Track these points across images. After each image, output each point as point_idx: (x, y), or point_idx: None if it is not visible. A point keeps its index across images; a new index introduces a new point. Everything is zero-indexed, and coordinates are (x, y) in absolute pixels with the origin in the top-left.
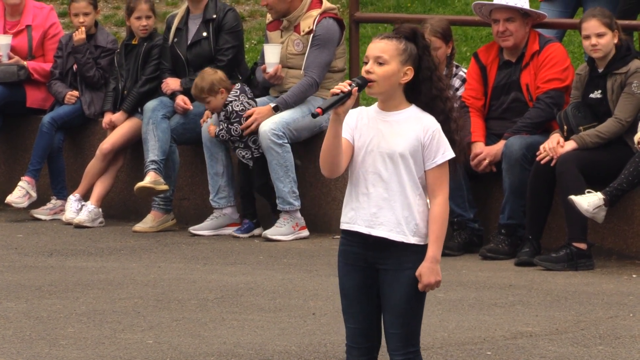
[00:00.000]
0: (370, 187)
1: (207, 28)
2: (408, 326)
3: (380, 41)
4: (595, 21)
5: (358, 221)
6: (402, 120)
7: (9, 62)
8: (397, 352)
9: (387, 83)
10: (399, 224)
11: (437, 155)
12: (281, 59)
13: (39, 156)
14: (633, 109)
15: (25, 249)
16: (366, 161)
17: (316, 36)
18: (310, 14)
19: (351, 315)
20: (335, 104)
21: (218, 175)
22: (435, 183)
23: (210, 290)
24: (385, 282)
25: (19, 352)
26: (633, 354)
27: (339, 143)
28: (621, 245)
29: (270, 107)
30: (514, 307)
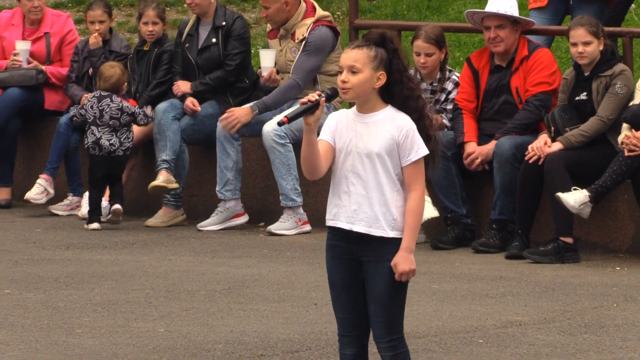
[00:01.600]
0: (351, 185)
1: (216, 34)
2: (390, 314)
3: (352, 51)
4: (582, 30)
5: (341, 218)
6: (378, 122)
7: (28, 66)
8: (382, 339)
9: (361, 89)
10: (377, 219)
11: (412, 152)
12: (280, 65)
13: (57, 155)
14: (615, 107)
15: (44, 243)
16: (346, 161)
17: (308, 43)
18: (305, 22)
19: (340, 306)
20: (302, 114)
21: (227, 169)
22: (411, 178)
23: (218, 282)
24: (368, 273)
25: (37, 340)
26: (617, 342)
27: (314, 149)
28: (605, 240)
29: (249, 108)
30: (504, 298)
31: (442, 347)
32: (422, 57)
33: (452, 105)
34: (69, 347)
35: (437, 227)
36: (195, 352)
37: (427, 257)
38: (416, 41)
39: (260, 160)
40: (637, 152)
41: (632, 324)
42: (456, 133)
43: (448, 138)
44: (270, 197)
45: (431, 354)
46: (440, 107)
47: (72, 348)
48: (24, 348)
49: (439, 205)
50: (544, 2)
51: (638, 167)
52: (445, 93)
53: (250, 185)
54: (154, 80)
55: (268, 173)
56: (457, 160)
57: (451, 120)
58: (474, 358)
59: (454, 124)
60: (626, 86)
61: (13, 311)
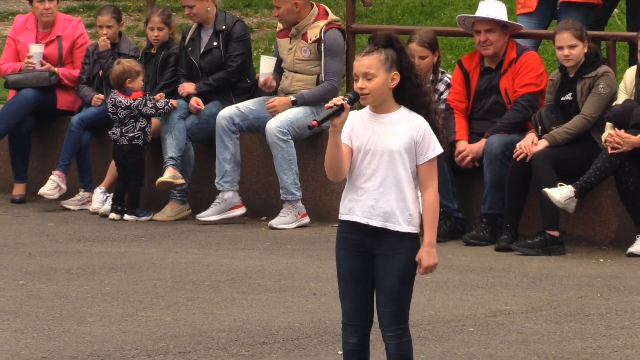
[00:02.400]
0: (368, 182)
1: (217, 38)
2: (399, 305)
3: (364, 58)
4: (568, 34)
5: (357, 212)
6: (395, 121)
7: (41, 68)
8: (389, 328)
9: (379, 93)
10: (394, 214)
11: (429, 151)
12: (288, 64)
13: (69, 153)
14: (598, 106)
15: (56, 236)
16: (365, 159)
17: (327, 46)
18: (317, 24)
19: (347, 296)
20: (329, 117)
21: (225, 161)
22: (427, 176)
23: (222, 273)
24: (380, 265)
25: (50, 328)
26: (600, 330)
27: (340, 150)
28: (590, 233)
29: (290, 99)
30: (493, 288)
31: (435, 335)
32: (416, 60)
33: (444, 105)
34: (81, 335)
35: None
36: (200, 340)
37: None
38: (410, 44)
39: (262, 157)
40: (620, 149)
41: (615, 313)
42: (448, 132)
43: None
44: (272, 193)
45: (425, 342)
46: None
47: (84, 336)
48: (38, 336)
49: None
50: (532, 7)
51: (621, 164)
52: (438, 94)
53: (253, 181)
54: (161, 82)
55: (270, 169)
56: (448, 158)
57: (443, 120)
58: (465, 345)
59: (446, 123)
60: (609, 87)
61: (27, 301)
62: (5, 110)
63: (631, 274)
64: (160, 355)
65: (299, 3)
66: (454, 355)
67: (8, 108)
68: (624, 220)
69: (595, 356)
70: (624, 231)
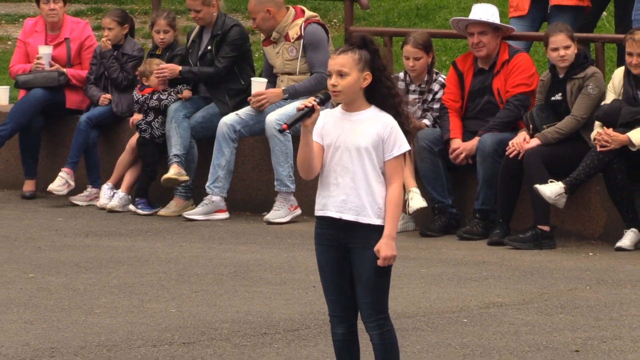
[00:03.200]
0: (339, 177)
1: (212, 42)
2: (376, 296)
3: (338, 56)
4: (562, 35)
5: (330, 207)
6: (364, 120)
7: (50, 69)
8: (369, 319)
9: (350, 91)
10: (365, 208)
11: (394, 148)
12: (278, 66)
13: (77, 150)
14: (588, 107)
15: (65, 231)
16: (335, 156)
17: (308, 41)
18: (296, 22)
19: (329, 289)
20: (300, 119)
21: (220, 167)
22: (392, 172)
23: (225, 266)
24: (355, 258)
25: (59, 319)
26: (590, 321)
27: (311, 150)
28: (579, 228)
29: (281, 90)
30: (486, 281)
31: (430, 326)
32: (411, 61)
33: (439, 104)
34: (88, 326)
35: (426, 216)
36: (204, 331)
37: (416, 244)
38: (405, 46)
39: (263, 155)
40: (608, 147)
41: (604, 305)
42: (442, 130)
43: (435, 135)
44: (273, 189)
45: (420, 332)
46: (428, 106)
47: (91, 327)
48: (47, 327)
49: (427, 197)
50: (524, 11)
51: (609, 162)
52: (432, 94)
53: (254, 178)
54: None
55: (271, 167)
56: (443, 155)
57: (438, 119)
58: (459, 336)
59: (441, 122)
60: (598, 87)
61: (37, 293)
62: (15, 109)
63: (619, 267)
64: (165, 345)
65: (271, 10)
66: (448, 346)
67: (18, 107)
68: (612, 216)
69: (584, 347)
70: (612, 226)
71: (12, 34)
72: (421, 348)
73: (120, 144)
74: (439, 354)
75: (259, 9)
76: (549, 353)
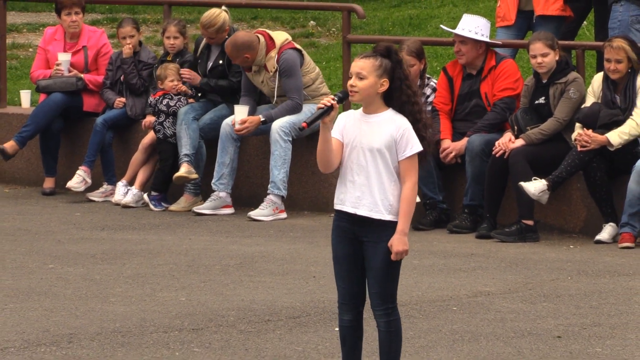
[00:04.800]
0: (355, 175)
1: (223, 57)
2: (385, 286)
3: (360, 60)
4: (540, 44)
5: (346, 203)
6: (380, 122)
7: (69, 74)
8: (378, 307)
9: (366, 93)
10: (377, 204)
11: (407, 149)
12: (267, 92)
13: (93, 150)
14: (569, 110)
15: (82, 225)
16: (352, 155)
17: (282, 69)
18: (270, 55)
19: (341, 278)
20: (319, 117)
21: (224, 165)
22: (406, 171)
23: (231, 258)
24: (367, 252)
25: (77, 307)
26: (571, 309)
27: (330, 145)
28: (561, 222)
29: (259, 118)
30: (474, 272)
31: (422, 314)
32: None
33: (431, 107)
34: (104, 313)
35: (418, 211)
36: (211, 318)
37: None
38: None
39: (267, 155)
40: (588, 147)
41: (584, 294)
42: (433, 131)
43: None
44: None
45: (412, 319)
46: None
47: (107, 314)
48: (66, 314)
49: (419, 193)
50: (510, 21)
51: (589, 161)
52: (424, 97)
53: (259, 176)
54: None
55: None
56: (434, 155)
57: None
58: (449, 323)
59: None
60: (579, 91)
61: (56, 283)
62: (36, 112)
63: (598, 259)
64: (175, 331)
65: (249, 55)
66: (439, 332)
67: (39, 110)
68: (591, 211)
69: (566, 333)
70: (591, 221)
71: (33, 42)
72: (414, 334)
73: (134, 144)
74: (430, 340)
75: (236, 55)
76: (532, 339)
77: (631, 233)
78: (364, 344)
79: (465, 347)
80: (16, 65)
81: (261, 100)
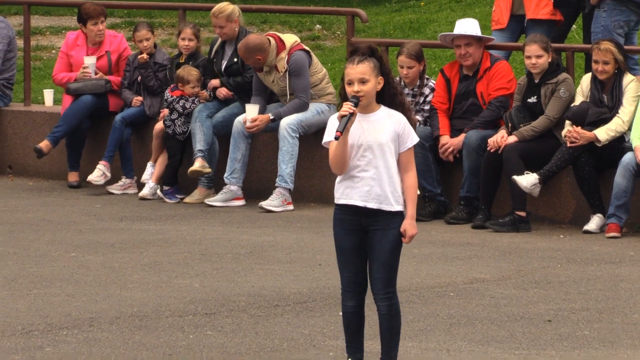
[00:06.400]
0: (363, 171)
1: (237, 55)
2: (389, 272)
3: (357, 66)
4: (535, 46)
5: (354, 197)
6: (379, 119)
7: (96, 77)
8: (381, 292)
9: (371, 95)
10: (387, 197)
11: (408, 141)
12: (277, 91)
13: (113, 145)
14: (560, 109)
15: (102, 216)
16: (358, 153)
17: (291, 69)
18: (281, 56)
19: (345, 267)
20: (346, 124)
21: (236, 160)
22: (407, 161)
23: (242, 247)
24: (374, 239)
25: (97, 293)
26: (560, 295)
27: (346, 148)
28: (552, 213)
29: (268, 116)
30: (470, 260)
31: (421, 299)
32: (405, 70)
33: (429, 106)
34: (123, 299)
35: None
36: (223, 303)
37: None
38: (400, 57)
39: (276, 151)
40: (577, 143)
41: (572, 281)
42: (432, 128)
43: (426, 132)
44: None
45: (412, 305)
46: (419, 108)
47: (125, 300)
48: (87, 300)
49: (418, 186)
50: (504, 24)
51: (578, 156)
52: (424, 97)
53: (268, 170)
54: None
55: None
56: (433, 150)
57: (429, 118)
58: (447, 308)
59: (431, 121)
60: (568, 91)
61: (77, 270)
62: (68, 113)
63: (587, 248)
64: (189, 316)
65: (260, 57)
66: (437, 316)
67: (70, 111)
68: (580, 203)
69: (556, 317)
70: (580, 212)
71: (55, 44)
72: (413, 318)
73: (151, 140)
74: (428, 323)
75: (248, 56)
76: (524, 322)
77: (617, 224)
78: (366, 328)
79: (462, 331)
80: (40, 66)
81: (270, 99)
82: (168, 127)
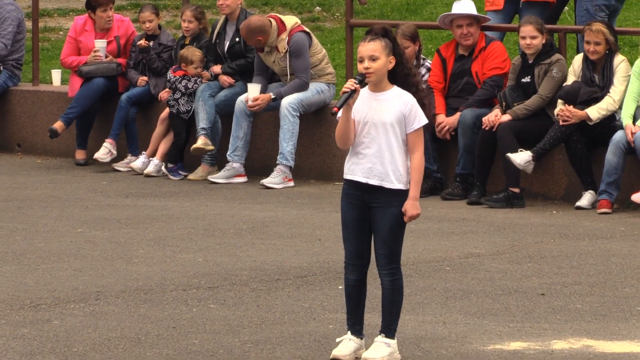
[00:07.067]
0: (366, 148)
1: (239, 35)
2: (391, 248)
3: (369, 43)
4: (530, 27)
5: (357, 173)
6: (388, 98)
7: (107, 60)
8: (384, 267)
9: (380, 72)
10: (388, 174)
11: (415, 122)
12: (278, 72)
13: (118, 124)
14: (552, 88)
15: (108, 192)
16: (364, 130)
17: (292, 50)
18: (282, 37)
19: (349, 240)
20: (346, 101)
21: (238, 138)
22: (414, 142)
23: (244, 222)
24: (376, 216)
25: (103, 267)
26: (553, 269)
27: (351, 125)
28: (545, 190)
29: (270, 96)
30: (466, 235)
31: (418, 273)
32: None
33: (425, 85)
34: (128, 273)
35: None
36: (226, 277)
37: None
38: None
39: (277, 129)
40: (569, 122)
41: (565, 256)
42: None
43: None
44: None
45: (409, 278)
46: None
47: (131, 274)
48: (93, 274)
49: None
50: (499, 6)
51: (570, 134)
52: (420, 76)
53: (269, 148)
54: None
55: None
56: (429, 128)
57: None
58: (443, 281)
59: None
60: (561, 71)
61: (84, 245)
62: (80, 95)
63: (578, 224)
64: (193, 289)
65: (262, 38)
66: (433, 290)
67: (83, 93)
68: (572, 180)
69: (549, 290)
70: (572, 188)
71: (63, 26)
72: (410, 292)
73: (156, 119)
74: (425, 297)
75: (250, 37)
76: (518, 296)
77: (608, 200)
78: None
79: (458, 304)
80: (48, 47)
81: (272, 79)
82: (172, 106)
